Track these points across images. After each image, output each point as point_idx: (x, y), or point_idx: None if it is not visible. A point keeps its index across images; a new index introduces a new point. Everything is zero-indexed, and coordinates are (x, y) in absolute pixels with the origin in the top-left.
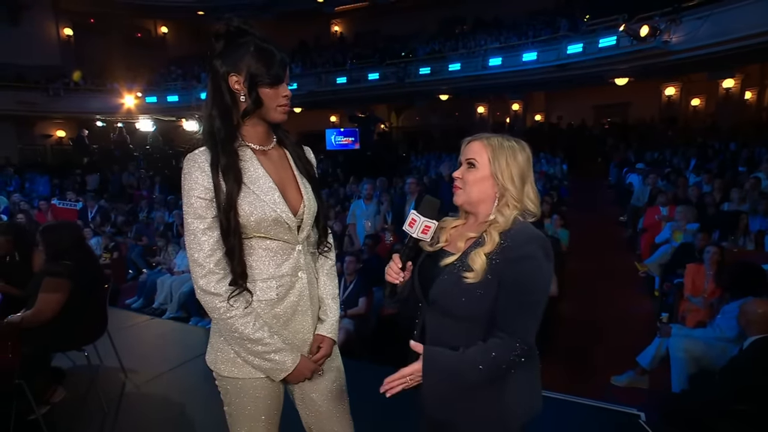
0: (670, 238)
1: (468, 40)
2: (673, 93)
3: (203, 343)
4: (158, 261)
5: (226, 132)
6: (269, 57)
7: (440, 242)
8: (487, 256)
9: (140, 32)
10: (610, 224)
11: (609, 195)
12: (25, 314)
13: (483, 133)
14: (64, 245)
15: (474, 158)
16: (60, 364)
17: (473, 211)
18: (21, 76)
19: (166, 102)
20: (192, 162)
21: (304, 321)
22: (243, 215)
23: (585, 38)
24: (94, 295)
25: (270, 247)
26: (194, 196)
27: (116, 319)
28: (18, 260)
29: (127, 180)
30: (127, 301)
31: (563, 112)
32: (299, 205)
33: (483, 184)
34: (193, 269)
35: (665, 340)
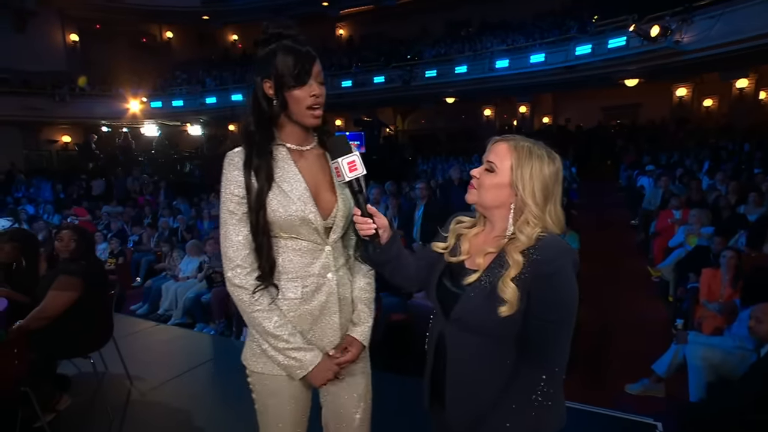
0: (684, 242)
1: (474, 42)
2: (685, 94)
3: (208, 350)
4: (163, 267)
5: (260, 135)
6: (293, 56)
7: (461, 251)
8: (515, 279)
9: (145, 37)
10: (621, 228)
11: (619, 198)
12: (32, 312)
13: (513, 135)
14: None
15: (494, 162)
16: (65, 371)
17: (486, 214)
18: (27, 82)
19: (171, 107)
20: (229, 160)
21: (332, 323)
22: (271, 213)
23: (594, 39)
24: (101, 300)
25: (298, 247)
26: (228, 192)
27: (122, 325)
28: (24, 267)
29: (132, 185)
30: (132, 307)
31: (571, 114)
32: (332, 207)
33: (498, 192)
34: (223, 261)
35: (682, 347)
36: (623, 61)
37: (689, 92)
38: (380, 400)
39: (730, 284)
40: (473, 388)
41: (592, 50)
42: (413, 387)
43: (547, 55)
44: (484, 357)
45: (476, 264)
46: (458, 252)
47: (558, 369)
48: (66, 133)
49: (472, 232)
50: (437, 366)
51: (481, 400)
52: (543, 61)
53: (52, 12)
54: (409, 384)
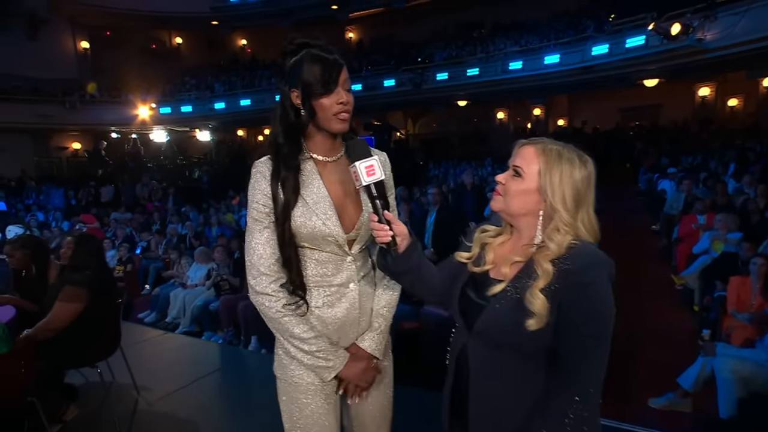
0: (710, 249)
1: (486, 43)
2: (708, 93)
3: (216, 359)
4: (171, 274)
5: (289, 147)
6: (320, 64)
7: (486, 261)
8: (544, 291)
9: (155, 43)
10: (642, 233)
11: (639, 202)
12: (39, 323)
13: (541, 138)
14: (85, 256)
15: (521, 166)
16: (72, 380)
17: (512, 222)
18: (38, 90)
19: (180, 113)
20: (257, 169)
21: (353, 333)
22: (295, 226)
23: (611, 39)
24: (109, 309)
25: (320, 258)
26: (255, 201)
27: (129, 333)
28: (35, 274)
29: (141, 192)
30: (140, 315)
31: (588, 116)
32: (356, 219)
33: (526, 198)
34: (248, 270)
35: (709, 360)
36: (642, 60)
37: (712, 92)
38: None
39: (761, 293)
40: (498, 408)
41: (610, 50)
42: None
43: (562, 56)
44: (510, 374)
45: (502, 274)
46: (483, 262)
47: (593, 390)
48: (76, 139)
49: (498, 241)
50: (458, 382)
51: (507, 422)
52: (558, 62)
53: (63, 19)
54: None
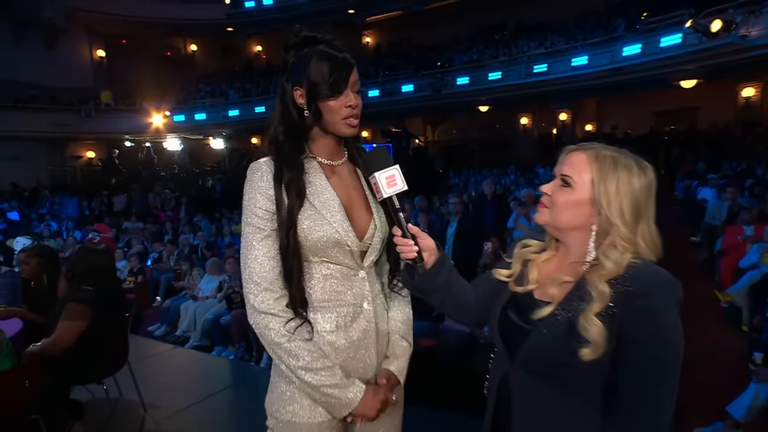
0: (759, 263)
1: (509, 46)
2: (753, 94)
3: (226, 376)
4: (182, 286)
5: (290, 146)
6: (328, 63)
7: (530, 281)
8: (600, 315)
9: (170, 51)
10: (680, 245)
11: (676, 212)
12: (45, 342)
13: (592, 143)
14: (84, 269)
15: (570, 175)
16: (78, 396)
17: (560, 237)
18: (55, 98)
19: (194, 120)
20: (255, 171)
21: (367, 359)
22: (302, 233)
23: (644, 38)
24: (116, 323)
25: (330, 273)
26: (254, 206)
27: (138, 347)
28: (45, 285)
29: (153, 201)
30: (149, 327)
31: (618, 120)
32: (367, 228)
33: (576, 211)
34: (247, 286)
35: (764, 387)
36: (679, 60)
37: (758, 92)
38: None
39: None
40: None
41: (642, 50)
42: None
43: (590, 57)
44: (559, 411)
45: (549, 295)
46: (526, 281)
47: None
48: (91, 148)
49: (542, 258)
50: (499, 415)
51: None
52: (586, 64)
53: (80, 29)
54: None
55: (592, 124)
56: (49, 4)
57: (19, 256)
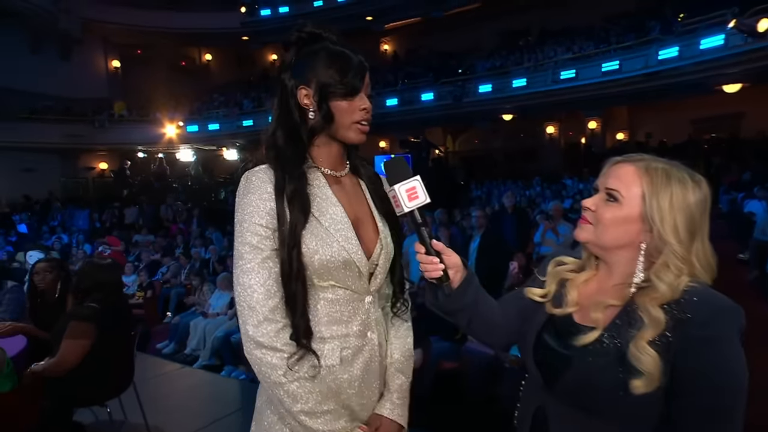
0: None
1: (534, 51)
2: None
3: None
4: (192, 301)
5: (292, 152)
6: (343, 62)
7: (567, 302)
8: (653, 344)
9: (185, 60)
10: (726, 262)
11: (720, 226)
12: (48, 362)
13: (640, 155)
14: (89, 284)
15: (618, 189)
16: (80, 419)
17: (603, 256)
18: (69, 109)
19: (207, 131)
20: (252, 180)
21: (371, 396)
22: (307, 253)
23: (681, 40)
24: (122, 342)
25: (335, 298)
26: (252, 222)
27: (144, 366)
28: (56, 300)
29: (165, 213)
30: (158, 345)
31: (653, 128)
32: (374, 246)
33: (624, 228)
34: (244, 315)
35: None
36: (721, 63)
37: None
38: None
39: None
40: None
41: (680, 53)
42: None
43: (622, 62)
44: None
45: (591, 319)
46: (563, 302)
47: None
48: (103, 159)
49: (581, 278)
50: None
51: None
52: (617, 69)
53: (96, 39)
54: None
55: (623, 133)
56: (66, 15)
57: (38, 266)
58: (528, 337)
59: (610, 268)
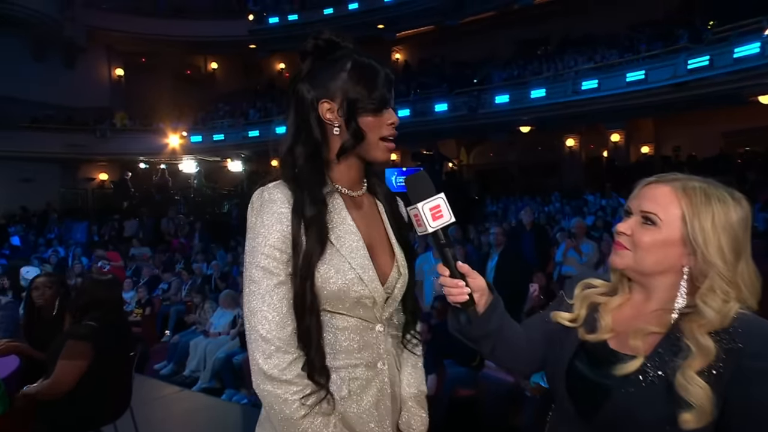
0: None
1: (554, 61)
2: None
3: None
4: (193, 320)
5: (314, 175)
6: (371, 75)
7: (601, 327)
8: (702, 375)
9: (190, 69)
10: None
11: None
12: (42, 384)
13: (673, 174)
14: (87, 301)
15: (655, 212)
16: None
17: (642, 282)
18: (70, 118)
19: (212, 141)
20: (270, 200)
21: (382, 429)
22: (319, 280)
23: (713, 48)
24: (120, 363)
25: (344, 326)
26: (267, 243)
27: (141, 389)
28: (53, 317)
29: (166, 226)
30: (155, 365)
31: (680, 141)
32: (389, 273)
33: (665, 252)
34: (253, 345)
35: None
36: (756, 72)
37: None
38: None
39: None
40: None
41: (711, 62)
42: None
43: (648, 72)
44: None
45: (630, 347)
46: (597, 327)
47: None
48: (104, 170)
49: (614, 303)
50: None
51: None
52: (643, 79)
53: (100, 47)
54: None
55: (648, 146)
56: (71, 23)
57: (38, 281)
58: (558, 364)
59: (648, 293)
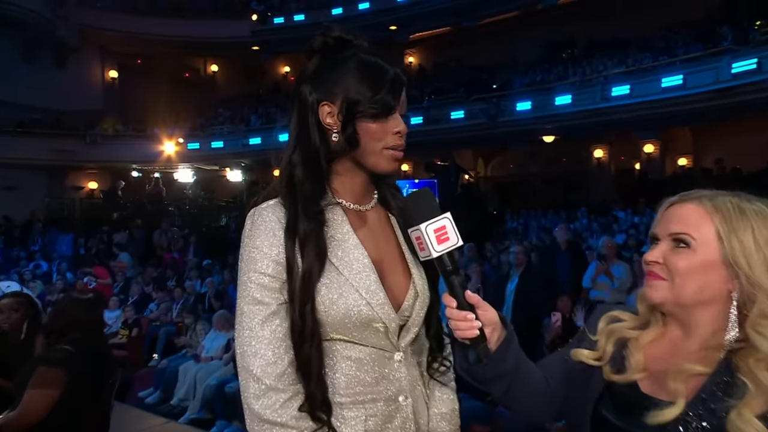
0: None
1: (581, 65)
2: None
3: None
4: (183, 342)
5: (311, 185)
6: (376, 75)
7: (631, 367)
8: (762, 417)
9: (188, 72)
10: None
11: None
12: (8, 416)
13: (697, 191)
14: (65, 322)
15: (688, 232)
16: None
17: (681, 316)
18: (59, 123)
19: (210, 148)
20: (258, 221)
21: None
22: (321, 306)
23: (761, 51)
24: (97, 392)
25: (357, 356)
26: (257, 270)
27: (122, 420)
28: (22, 341)
29: (158, 240)
30: (140, 393)
31: (722, 153)
32: (404, 295)
33: (706, 278)
34: (244, 383)
35: None
36: None
37: None
38: None
39: None
40: None
41: (759, 65)
42: None
43: (686, 77)
44: None
45: (670, 391)
46: (626, 366)
47: None
48: (93, 178)
49: (646, 338)
50: None
51: None
52: (680, 85)
53: (93, 48)
54: None
55: (686, 158)
56: (63, 22)
57: (2, 303)
58: (580, 410)
59: (687, 327)
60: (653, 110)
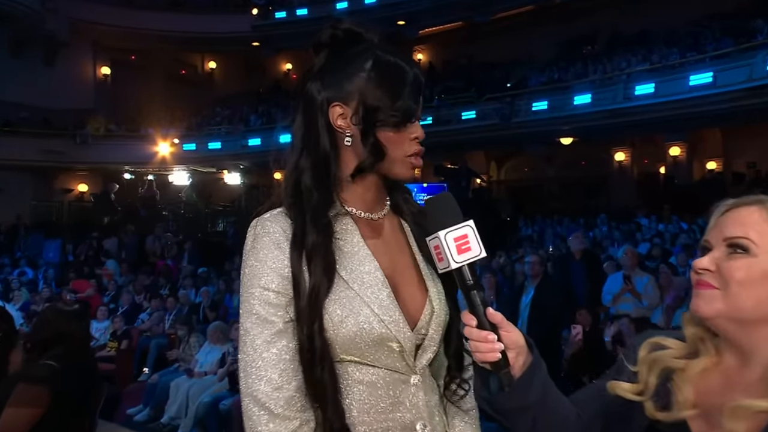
0: None
1: (601, 62)
2: None
3: None
4: (176, 356)
5: (319, 194)
6: (396, 78)
7: (679, 403)
8: None
9: (185, 68)
10: None
11: None
12: None
13: (753, 195)
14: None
15: (746, 237)
16: None
17: (736, 339)
18: (48, 122)
19: (207, 150)
20: (261, 233)
21: None
22: (329, 323)
23: None
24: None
25: (369, 379)
26: (259, 285)
27: None
28: None
29: (151, 246)
30: (129, 410)
31: (756, 156)
32: (420, 311)
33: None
34: (249, 409)
35: None
36: None
37: None
38: None
39: None
40: None
41: None
42: None
43: (717, 74)
44: None
45: (723, 430)
46: (672, 402)
47: None
48: (83, 180)
49: (696, 368)
50: None
51: None
52: (710, 83)
53: (84, 43)
54: None
55: (715, 162)
56: (53, 15)
57: None
58: None
59: (745, 353)
60: (680, 110)
